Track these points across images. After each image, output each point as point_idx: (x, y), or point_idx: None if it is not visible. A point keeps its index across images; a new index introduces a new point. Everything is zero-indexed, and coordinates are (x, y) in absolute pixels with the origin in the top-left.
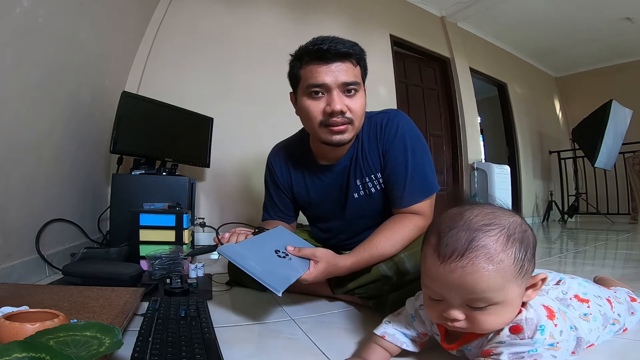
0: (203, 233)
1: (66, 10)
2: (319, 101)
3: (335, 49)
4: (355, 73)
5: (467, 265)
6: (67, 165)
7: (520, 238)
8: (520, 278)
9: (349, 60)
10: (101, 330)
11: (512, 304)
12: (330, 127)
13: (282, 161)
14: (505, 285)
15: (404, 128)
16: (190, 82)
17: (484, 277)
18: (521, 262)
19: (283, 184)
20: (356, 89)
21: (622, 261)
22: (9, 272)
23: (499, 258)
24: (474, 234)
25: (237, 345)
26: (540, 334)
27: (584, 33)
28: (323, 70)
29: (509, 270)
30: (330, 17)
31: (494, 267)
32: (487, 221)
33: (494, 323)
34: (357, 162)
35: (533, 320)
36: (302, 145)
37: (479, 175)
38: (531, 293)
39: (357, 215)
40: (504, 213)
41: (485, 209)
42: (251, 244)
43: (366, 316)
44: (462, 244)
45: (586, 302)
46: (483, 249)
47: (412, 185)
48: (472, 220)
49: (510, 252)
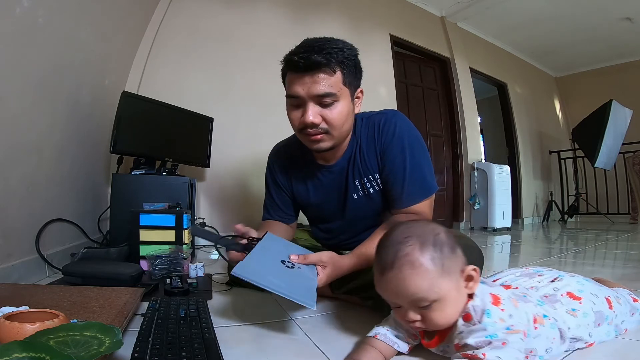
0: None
1: (66, 10)
2: (297, 110)
3: (305, 61)
4: (332, 82)
5: (397, 273)
6: (67, 165)
7: (433, 241)
8: (447, 274)
9: (323, 70)
10: (101, 330)
11: (450, 299)
12: (308, 136)
13: (282, 160)
14: (433, 283)
15: (401, 128)
16: (190, 82)
17: (412, 281)
18: (440, 260)
19: (283, 183)
20: (333, 99)
21: (622, 261)
22: (9, 272)
23: (418, 262)
24: (397, 246)
25: (237, 345)
26: (487, 317)
27: (584, 33)
28: (297, 81)
29: (430, 270)
30: (330, 17)
31: (417, 271)
32: (405, 234)
33: (441, 318)
34: (355, 162)
35: (479, 307)
36: (302, 145)
37: (479, 175)
38: (472, 285)
39: (357, 215)
40: (420, 225)
41: (407, 225)
42: (259, 257)
43: (366, 316)
44: (391, 257)
45: (578, 300)
46: (405, 258)
47: (411, 186)
48: (396, 236)
49: (427, 255)
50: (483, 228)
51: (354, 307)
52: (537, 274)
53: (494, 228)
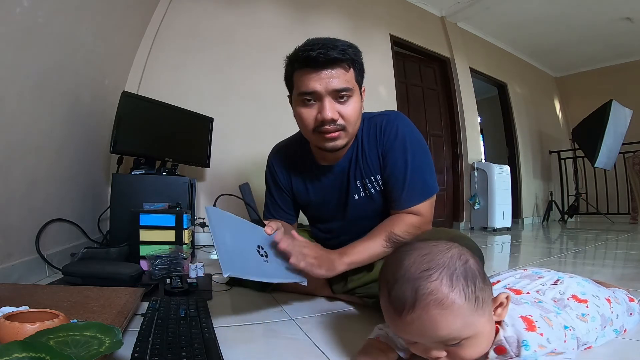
0: (203, 233)
1: (66, 10)
2: (311, 108)
3: (325, 56)
4: (348, 78)
5: (422, 315)
6: (67, 165)
7: (464, 272)
8: (480, 309)
9: (341, 65)
10: (101, 330)
11: (483, 333)
12: (323, 134)
13: (282, 161)
14: (467, 321)
15: (404, 130)
16: (190, 82)
17: (442, 323)
18: (473, 295)
19: (283, 183)
20: (349, 94)
21: (622, 261)
22: (9, 272)
23: (449, 301)
24: (417, 282)
25: (237, 345)
26: (526, 349)
27: (584, 33)
28: (313, 78)
29: (463, 307)
30: (331, 17)
31: (448, 311)
32: (426, 266)
33: (474, 353)
34: (356, 163)
35: (513, 337)
36: (302, 146)
37: (479, 175)
38: (501, 312)
39: (358, 216)
40: (440, 250)
41: (421, 251)
42: (240, 223)
43: (366, 316)
44: (410, 296)
45: (584, 302)
46: (430, 296)
47: (411, 188)
48: (411, 269)
49: (459, 291)
50: (483, 228)
51: (354, 307)
52: (537, 275)
53: (494, 228)
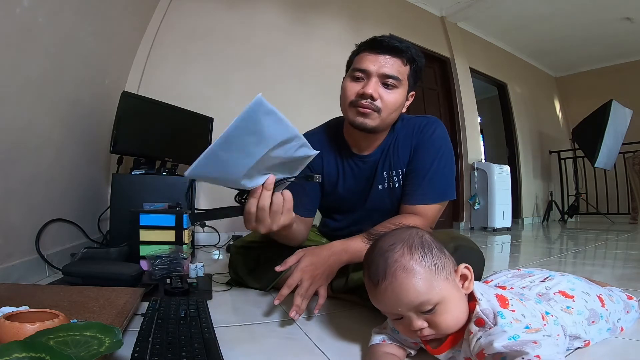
0: (203, 233)
1: (66, 10)
2: (357, 84)
3: (388, 43)
4: (401, 70)
5: (393, 281)
6: (67, 165)
7: (420, 243)
8: (441, 273)
9: (400, 57)
10: (101, 330)
11: (453, 298)
12: (357, 108)
13: (315, 144)
14: (432, 284)
15: (439, 135)
16: (190, 82)
17: (409, 285)
18: (431, 261)
19: (313, 166)
20: (395, 84)
21: (622, 261)
22: (9, 272)
23: (410, 265)
24: (385, 254)
25: (237, 345)
26: (501, 318)
27: (584, 33)
28: (370, 59)
29: (424, 271)
30: (331, 17)
31: (411, 274)
32: (390, 242)
33: (449, 320)
34: (387, 154)
35: (489, 310)
36: (337, 132)
37: (479, 175)
38: (468, 284)
39: (376, 206)
40: (402, 230)
41: (390, 233)
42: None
43: (366, 316)
44: (381, 267)
45: (571, 298)
46: (396, 263)
47: (430, 186)
48: (381, 245)
49: (418, 257)
50: (483, 228)
51: (354, 307)
52: (528, 274)
53: (493, 228)
